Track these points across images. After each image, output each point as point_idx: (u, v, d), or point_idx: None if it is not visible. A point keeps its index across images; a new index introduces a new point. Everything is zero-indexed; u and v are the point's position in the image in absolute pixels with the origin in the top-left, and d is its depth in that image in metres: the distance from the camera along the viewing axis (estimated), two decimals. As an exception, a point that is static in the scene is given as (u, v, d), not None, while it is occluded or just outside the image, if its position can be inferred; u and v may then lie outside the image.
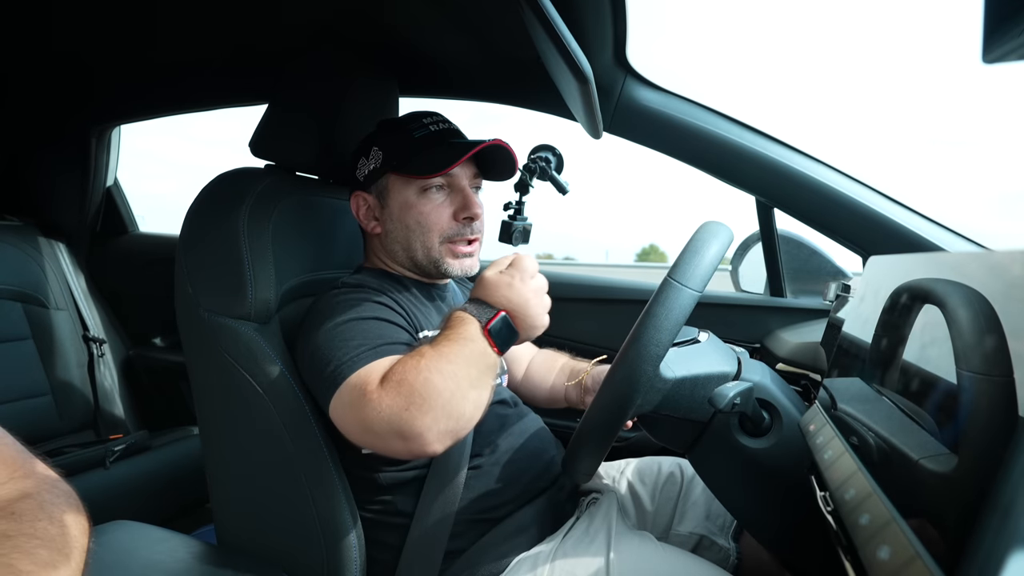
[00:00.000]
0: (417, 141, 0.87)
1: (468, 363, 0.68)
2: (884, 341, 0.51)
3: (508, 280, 0.73)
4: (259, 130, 0.98)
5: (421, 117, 0.90)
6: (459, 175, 0.88)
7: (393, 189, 0.89)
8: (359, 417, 0.70)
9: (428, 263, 0.89)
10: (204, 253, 0.84)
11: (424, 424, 0.66)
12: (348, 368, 0.72)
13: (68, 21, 1.11)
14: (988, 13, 0.26)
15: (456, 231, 0.88)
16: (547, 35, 0.63)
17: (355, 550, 0.81)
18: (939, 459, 0.35)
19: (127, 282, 1.75)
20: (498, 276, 0.74)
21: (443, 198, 0.88)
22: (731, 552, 0.89)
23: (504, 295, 0.72)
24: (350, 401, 0.71)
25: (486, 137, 0.89)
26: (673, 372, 0.69)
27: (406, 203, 0.88)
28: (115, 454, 1.33)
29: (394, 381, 0.67)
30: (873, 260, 0.62)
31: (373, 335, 0.75)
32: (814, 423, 0.56)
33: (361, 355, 0.73)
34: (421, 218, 0.87)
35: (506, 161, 0.91)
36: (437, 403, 0.66)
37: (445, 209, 0.88)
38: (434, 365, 0.67)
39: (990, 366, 0.33)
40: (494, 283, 0.73)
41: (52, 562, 0.42)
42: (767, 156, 1.04)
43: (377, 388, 0.68)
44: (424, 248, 0.88)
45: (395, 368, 0.69)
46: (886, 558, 0.34)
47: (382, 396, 0.67)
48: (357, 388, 0.70)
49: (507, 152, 0.89)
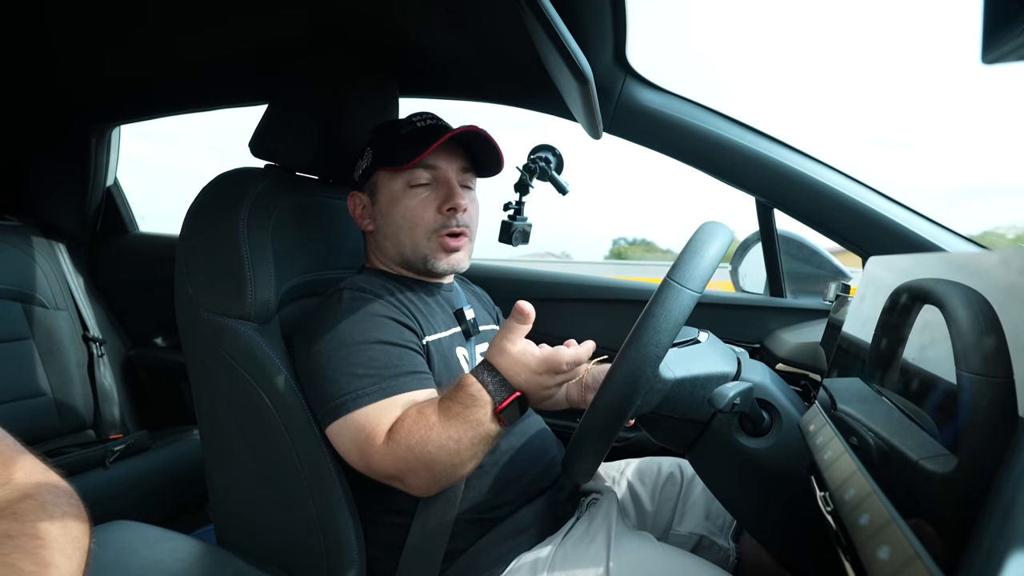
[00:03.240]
0: (403, 137, 0.88)
1: (474, 443, 0.70)
2: (884, 341, 0.51)
3: (534, 367, 0.69)
4: (259, 130, 0.98)
5: (412, 117, 0.92)
6: (445, 168, 0.88)
7: (382, 186, 0.89)
8: (361, 457, 0.74)
9: (417, 259, 0.89)
10: (204, 253, 0.84)
11: (422, 486, 0.73)
12: (353, 402, 0.74)
13: (68, 21, 1.11)
14: (988, 13, 0.26)
15: (441, 223, 0.88)
16: (547, 35, 0.63)
17: (355, 550, 0.81)
18: (939, 459, 0.35)
19: (127, 282, 1.75)
20: (526, 357, 0.69)
21: (428, 193, 0.88)
22: (731, 552, 0.89)
23: (524, 380, 0.70)
24: (353, 438, 0.74)
25: (501, 145, 0.89)
26: (673, 372, 0.69)
27: (393, 198, 0.88)
28: (115, 454, 1.33)
29: (402, 445, 0.70)
30: (873, 260, 0.62)
31: (380, 364, 0.76)
32: (814, 423, 0.56)
33: (367, 392, 0.74)
34: (407, 212, 0.87)
35: (483, 152, 0.91)
36: (438, 473, 0.70)
37: (430, 203, 0.88)
38: (441, 442, 0.69)
39: (990, 366, 0.33)
40: (520, 362, 0.69)
41: (53, 562, 0.42)
42: (767, 156, 1.04)
43: (383, 444, 0.72)
44: (412, 244, 0.88)
45: (402, 429, 0.71)
46: (886, 558, 0.34)
47: (386, 454, 0.71)
48: (363, 431, 0.73)
49: (484, 142, 0.88)
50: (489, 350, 0.72)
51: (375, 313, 0.80)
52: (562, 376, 0.70)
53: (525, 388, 0.70)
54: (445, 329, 0.90)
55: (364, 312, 0.80)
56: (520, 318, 0.70)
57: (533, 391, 0.70)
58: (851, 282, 0.97)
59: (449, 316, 0.93)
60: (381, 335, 0.79)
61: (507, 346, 0.70)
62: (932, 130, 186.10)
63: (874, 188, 1.03)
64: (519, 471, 0.86)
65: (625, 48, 1.01)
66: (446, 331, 0.90)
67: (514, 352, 0.70)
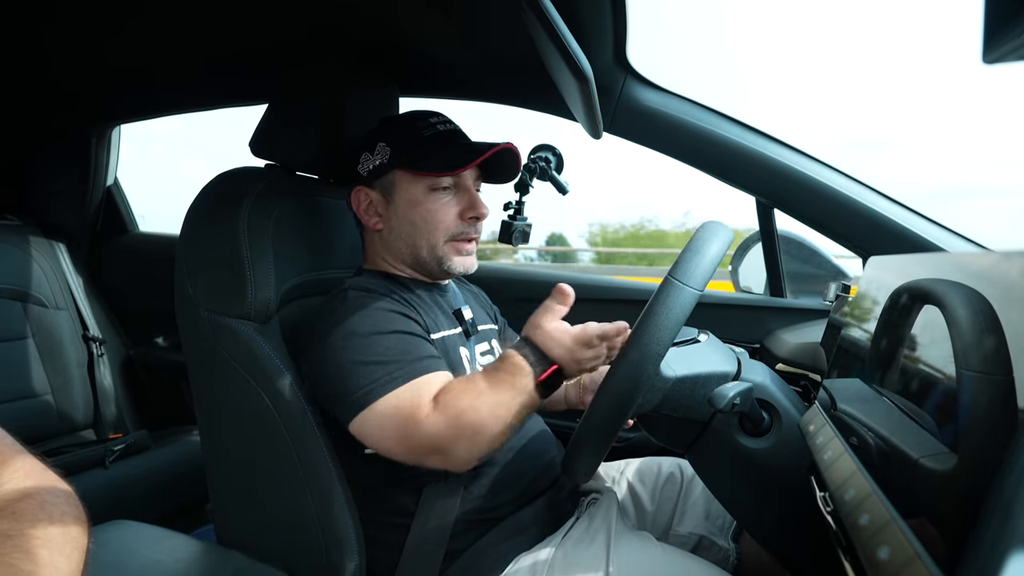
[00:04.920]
0: (428, 139, 0.88)
1: (520, 410, 0.73)
2: (884, 341, 0.51)
3: (568, 344, 0.74)
4: (259, 130, 0.98)
5: (427, 116, 0.91)
6: (467, 176, 0.90)
7: (401, 186, 0.89)
8: (402, 435, 0.74)
9: (432, 260, 0.90)
10: (204, 253, 0.84)
11: (469, 455, 0.73)
12: (382, 388, 0.74)
13: (68, 21, 1.11)
14: (988, 13, 0.26)
15: (461, 230, 0.89)
16: (547, 35, 0.63)
17: (355, 550, 0.81)
18: (939, 458, 0.35)
19: (127, 282, 1.75)
20: (560, 333, 0.74)
21: (450, 197, 0.89)
22: (731, 552, 0.89)
23: (560, 354, 0.74)
24: (391, 421, 0.74)
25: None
26: (673, 371, 0.69)
27: (414, 200, 0.88)
28: (115, 454, 1.33)
29: (451, 410, 0.72)
30: (873, 260, 0.62)
31: (400, 351, 0.77)
32: (814, 423, 0.56)
33: (395, 376, 0.75)
34: (429, 216, 0.88)
35: (509, 165, 0.93)
36: (485, 439, 0.72)
37: (452, 208, 0.89)
38: (490, 408, 0.72)
39: (989, 365, 0.33)
40: (554, 337, 0.74)
41: (53, 562, 0.42)
42: (767, 156, 1.04)
43: (430, 411, 0.73)
44: (429, 245, 0.89)
45: (450, 395, 0.73)
46: (886, 558, 0.34)
47: (435, 420, 0.72)
48: (401, 411, 0.74)
49: (513, 157, 0.91)
50: (526, 328, 0.77)
51: (383, 308, 0.81)
52: (593, 351, 0.74)
53: (561, 361, 0.74)
54: (447, 329, 0.90)
55: (372, 308, 0.80)
56: (559, 298, 0.75)
57: (568, 364, 0.74)
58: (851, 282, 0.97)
59: (449, 316, 0.93)
60: (394, 326, 0.79)
61: (544, 323, 0.75)
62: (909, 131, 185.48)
63: (874, 188, 1.03)
64: (519, 471, 0.86)
65: (625, 48, 1.01)
66: (448, 331, 0.90)
67: (549, 328, 0.74)
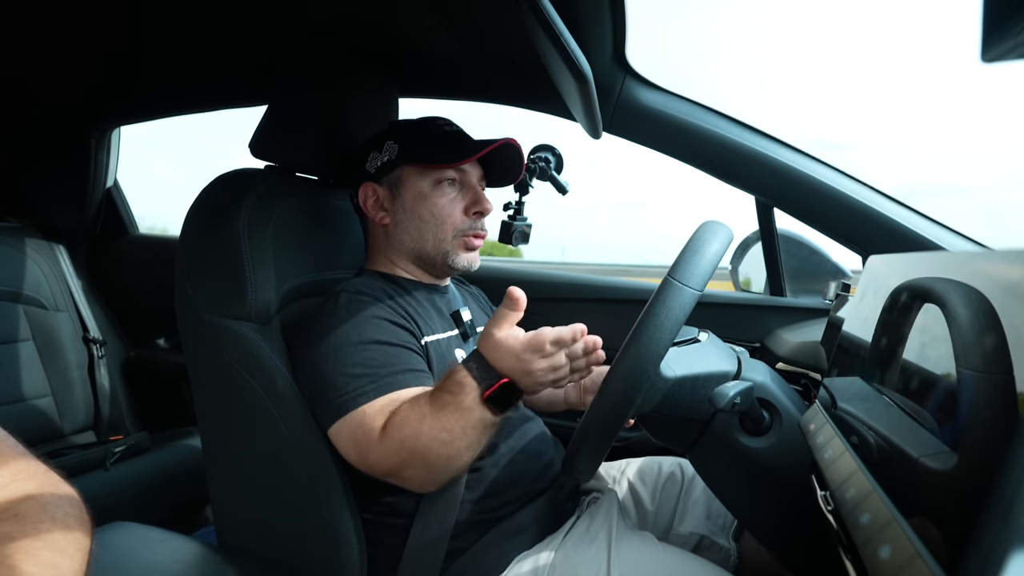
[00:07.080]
0: (436, 138, 0.91)
1: (465, 432, 0.70)
2: (884, 340, 0.51)
3: (517, 352, 0.68)
4: (259, 131, 0.98)
5: (435, 119, 0.94)
6: (470, 173, 0.92)
7: (408, 180, 0.90)
8: (360, 456, 0.75)
9: (437, 254, 0.91)
10: (204, 254, 0.84)
11: (419, 480, 0.73)
12: (352, 402, 0.75)
13: (68, 21, 1.11)
14: (987, 12, 0.26)
15: (468, 225, 0.91)
16: (547, 35, 0.63)
17: (356, 551, 0.81)
18: (939, 457, 0.35)
19: (127, 283, 1.75)
20: (508, 341, 0.69)
21: (455, 193, 0.91)
22: (731, 552, 0.89)
23: (509, 365, 0.69)
24: (352, 437, 0.75)
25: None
26: (674, 371, 0.69)
27: (420, 194, 0.90)
28: (115, 455, 1.33)
29: (395, 440, 0.71)
30: (873, 259, 0.62)
31: (377, 363, 0.77)
32: (814, 422, 0.56)
33: (365, 390, 0.75)
34: (436, 210, 0.89)
35: (510, 166, 0.95)
36: (434, 465, 0.71)
37: (458, 203, 0.91)
38: (433, 433, 0.69)
39: (990, 364, 0.33)
40: (503, 347, 0.69)
41: (55, 564, 0.42)
42: (767, 156, 1.04)
43: (378, 440, 0.72)
44: (436, 240, 0.90)
45: (395, 420, 0.72)
46: (887, 557, 0.34)
47: (382, 450, 0.72)
48: (360, 428, 0.74)
49: (516, 156, 0.93)
50: (479, 339, 0.72)
51: (372, 315, 0.81)
52: (548, 361, 0.68)
53: (511, 373, 0.69)
54: (443, 331, 0.90)
55: (361, 315, 0.80)
56: (511, 304, 0.69)
57: (519, 376, 0.69)
58: (851, 281, 0.97)
59: (447, 318, 0.93)
60: (378, 335, 0.79)
61: (494, 332, 0.69)
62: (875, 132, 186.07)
63: (874, 187, 1.03)
64: (519, 472, 0.86)
65: (625, 48, 1.01)
66: (444, 333, 0.90)
67: (499, 336, 0.69)
